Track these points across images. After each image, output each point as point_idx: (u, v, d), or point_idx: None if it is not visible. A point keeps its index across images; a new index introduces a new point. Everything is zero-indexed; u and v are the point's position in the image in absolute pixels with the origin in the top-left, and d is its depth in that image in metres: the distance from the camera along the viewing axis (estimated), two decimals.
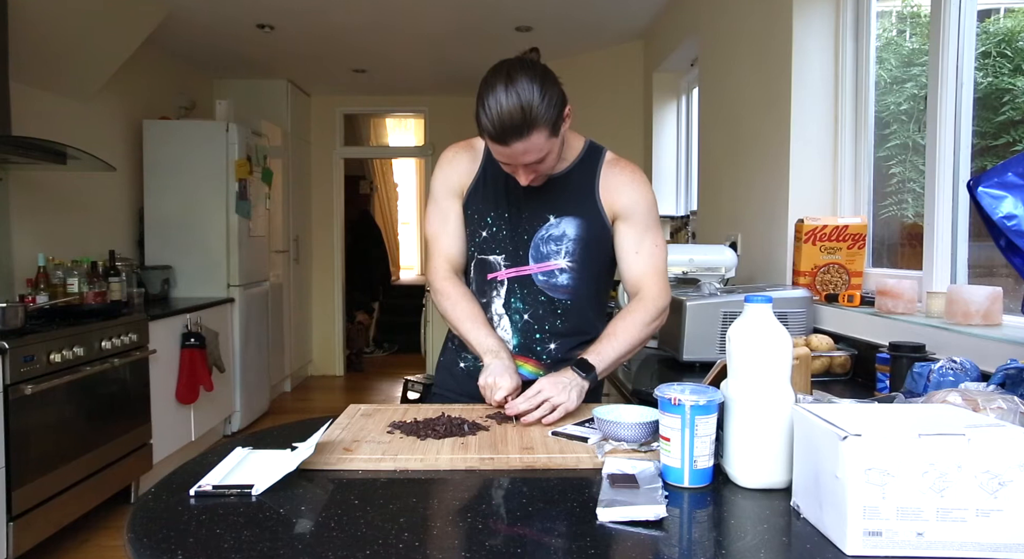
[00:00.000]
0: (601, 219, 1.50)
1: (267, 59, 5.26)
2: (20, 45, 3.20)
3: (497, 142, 1.32)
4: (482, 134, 1.34)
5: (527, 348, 1.53)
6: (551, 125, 1.32)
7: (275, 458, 1.08)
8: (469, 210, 1.54)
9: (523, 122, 1.28)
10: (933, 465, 0.76)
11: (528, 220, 1.50)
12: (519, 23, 4.38)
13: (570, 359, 1.47)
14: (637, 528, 0.85)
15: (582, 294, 1.53)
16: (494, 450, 1.14)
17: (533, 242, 1.50)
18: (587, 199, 1.50)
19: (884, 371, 1.55)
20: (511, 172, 1.42)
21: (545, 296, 1.51)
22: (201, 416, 4.10)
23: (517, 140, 1.30)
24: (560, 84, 1.35)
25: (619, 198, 1.50)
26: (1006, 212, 1.17)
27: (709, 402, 0.97)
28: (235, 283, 4.59)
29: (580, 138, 1.55)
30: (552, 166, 1.42)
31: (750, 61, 2.79)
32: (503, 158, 1.37)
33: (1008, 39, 1.88)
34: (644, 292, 1.51)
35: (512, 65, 1.32)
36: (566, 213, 1.49)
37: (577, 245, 1.49)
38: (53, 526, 2.76)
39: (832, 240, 2.16)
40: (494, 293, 1.54)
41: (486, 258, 1.54)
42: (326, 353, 6.74)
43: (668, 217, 4.42)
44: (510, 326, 1.53)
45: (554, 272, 1.50)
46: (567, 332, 1.52)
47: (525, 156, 1.33)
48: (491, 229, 1.52)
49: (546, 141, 1.33)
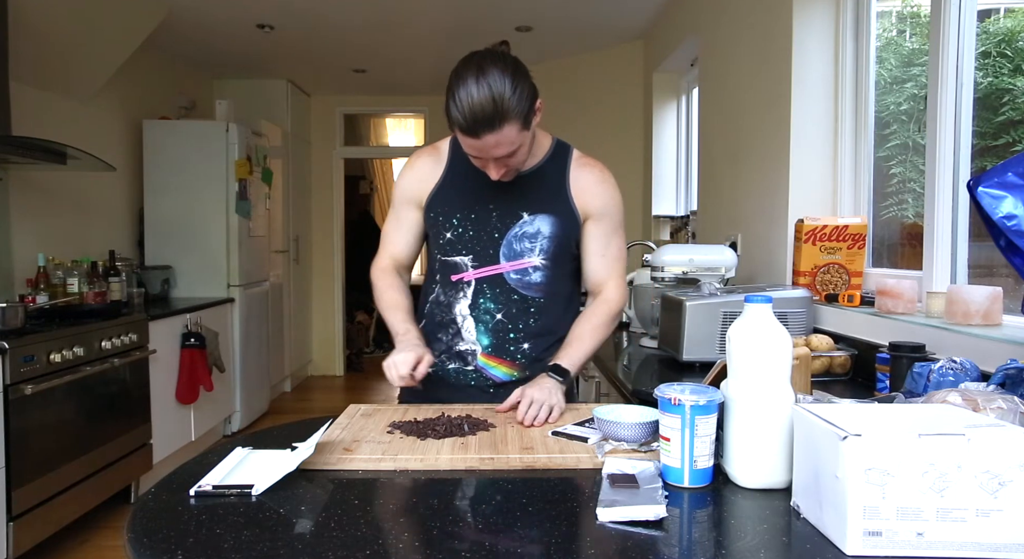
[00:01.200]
0: (574, 216, 1.51)
1: (267, 59, 5.25)
2: (20, 45, 3.20)
3: (468, 134, 1.30)
4: (452, 127, 1.32)
5: (500, 349, 1.52)
6: (522, 118, 1.31)
7: (275, 458, 1.08)
8: (432, 213, 1.53)
9: (494, 114, 1.27)
10: (933, 465, 0.76)
11: (499, 218, 1.49)
12: (519, 23, 4.38)
13: (544, 359, 1.48)
14: (637, 528, 0.85)
15: (555, 292, 1.53)
16: (494, 450, 1.14)
17: (506, 240, 1.49)
18: (559, 196, 1.50)
19: (884, 371, 1.55)
20: (481, 167, 1.40)
21: (518, 295, 1.51)
22: (201, 416, 4.10)
23: (488, 132, 1.29)
24: (531, 77, 1.34)
25: (592, 198, 1.51)
26: (1006, 212, 1.17)
27: (709, 402, 0.97)
28: (235, 283, 4.59)
29: (548, 136, 1.55)
30: (523, 161, 1.42)
31: (750, 61, 2.79)
32: (474, 151, 1.35)
33: (1008, 39, 1.87)
34: (606, 294, 1.55)
35: (483, 57, 1.31)
36: (540, 210, 1.49)
37: (552, 243, 1.49)
38: (53, 526, 2.76)
39: (832, 240, 2.16)
40: (460, 294, 1.53)
41: (451, 259, 1.53)
42: (326, 353, 6.74)
43: (668, 217, 4.42)
44: (476, 327, 1.52)
45: (527, 270, 1.50)
46: (541, 331, 1.52)
47: (496, 149, 1.32)
48: (456, 231, 1.51)
49: (517, 134, 1.32)
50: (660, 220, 4.47)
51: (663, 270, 2.25)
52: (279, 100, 5.89)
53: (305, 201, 6.42)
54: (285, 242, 5.82)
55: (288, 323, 5.91)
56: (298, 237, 6.16)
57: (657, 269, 2.27)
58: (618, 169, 5.85)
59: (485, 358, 1.52)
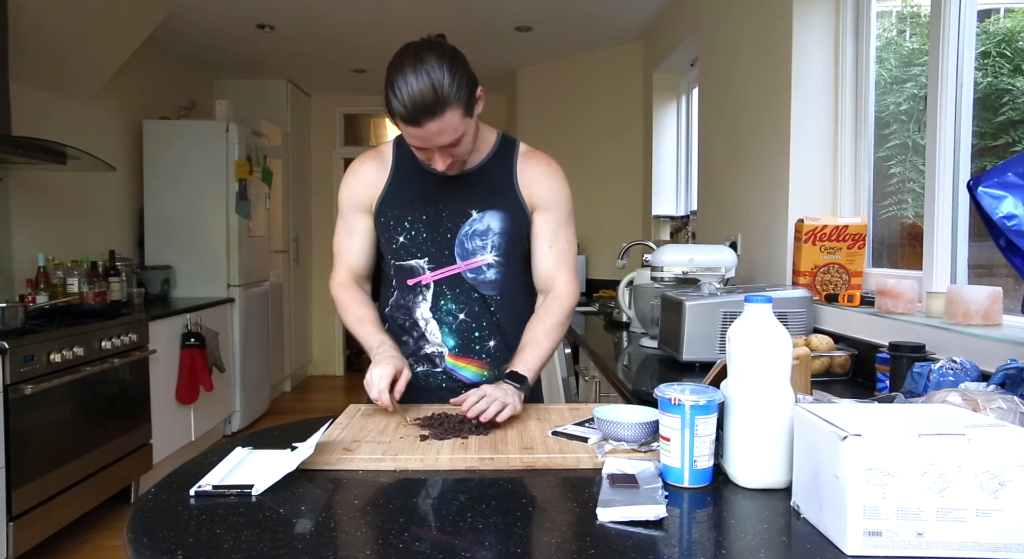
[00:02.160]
0: (523, 211, 1.50)
1: (267, 59, 5.26)
2: (20, 45, 3.20)
3: (410, 123, 1.28)
4: (394, 119, 1.30)
5: (466, 349, 1.51)
6: (464, 104, 1.30)
7: (275, 458, 1.08)
8: (382, 218, 1.51)
9: (435, 101, 1.26)
10: (933, 465, 0.76)
11: (450, 218, 1.48)
12: (519, 23, 4.39)
13: (509, 356, 1.47)
14: (637, 528, 0.85)
15: (511, 288, 1.53)
16: (494, 450, 1.14)
17: (458, 239, 1.48)
18: (507, 191, 1.49)
19: (884, 371, 1.54)
20: (427, 160, 1.39)
21: (477, 293, 1.50)
22: (201, 416, 4.10)
23: (430, 119, 1.27)
24: (469, 65, 1.33)
25: (538, 190, 1.50)
26: (1006, 212, 1.17)
27: (709, 402, 0.97)
28: (235, 283, 4.59)
29: (493, 130, 1.54)
30: (468, 151, 1.40)
31: (750, 61, 2.79)
32: (417, 142, 1.33)
33: (1008, 39, 1.87)
34: (557, 290, 1.53)
35: (419, 46, 1.29)
36: (488, 207, 1.48)
37: (503, 239, 1.49)
38: (53, 526, 2.76)
39: (832, 240, 2.16)
40: (419, 298, 1.52)
41: (406, 263, 1.51)
42: (326, 353, 6.74)
43: (668, 217, 4.42)
44: (440, 330, 1.51)
45: (482, 268, 1.50)
46: (503, 327, 1.52)
47: (439, 137, 1.30)
48: (409, 234, 1.49)
49: (460, 120, 1.30)
50: (660, 220, 4.47)
51: (663, 270, 2.25)
52: (279, 100, 5.89)
53: (305, 201, 6.42)
54: (285, 242, 5.82)
55: (288, 323, 5.91)
56: (298, 237, 6.17)
57: (657, 269, 2.27)
58: (618, 168, 5.85)
59: (453, 359, 1.52)
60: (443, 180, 1.46)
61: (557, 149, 4.71)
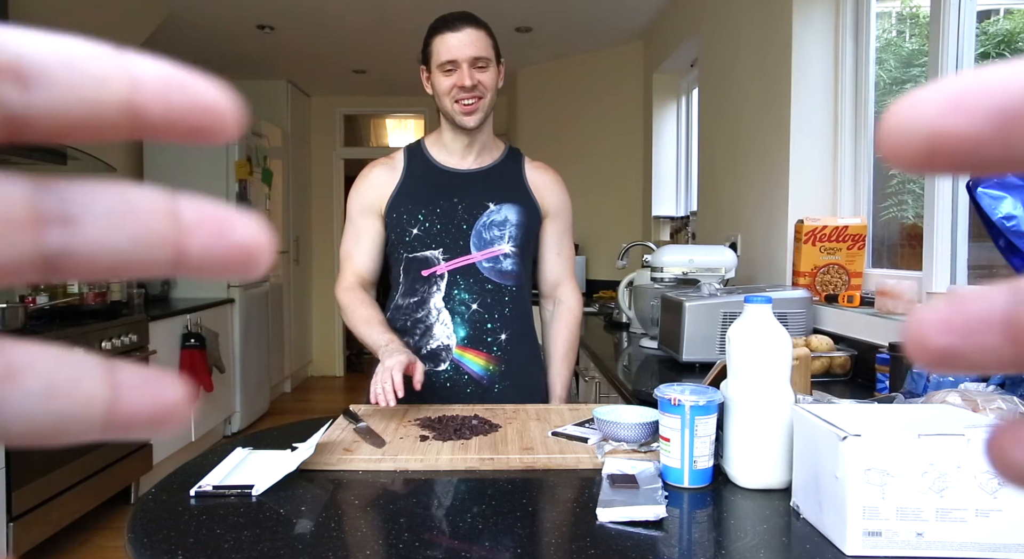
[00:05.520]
0: (537, 210, 1.57)
1: (267, 59, 5.26)
2: None
3: (447, 29, 1.43)
4: (431, 37, 1.46)
5: (477, 340, 1.52)
6: (495, 46, 1.47)
7: (275, 458, 1.08)
8: (394, 214, 1.53)
9: (474, 17, 1.45)
10: (933, 465, 0.77)
11: (466, 210, 1.52)
12: (519, 23, 4.39)
13: (520, 350, 1.52)
14: (637, 528, 0.85)
15: (524, 281, 1.57)
16: (494, 450, 1.14)
17: (475, 230, 1.51)
18: (520, 189, 1.57)
19: (884, 371, 1.55)
20: (456, 82, 1.46)
21: (492, 284, 1.52)
22: (201, 417, 4.10)
23: (468, 25, 1.43)
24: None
25: (549, 196, 1.59)
26: (1005, 212, 1.17)
27: (709, 402, 0.97)
28: (235, 283, 4.60)
29: (500, 141, 1.63)
30: (492, 97, 1.50)
31: (750, 61, 2.79)
32: (449, 54, 1.44)
33: (1007, 40, 1.88)
34: (566, 298, 1.64)
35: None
36: (505, 200, 1.53)
37: (519, 230, 1.53)
38: (53, 526, 2.76)
39: (832, 240, 2.16)
40: (433, 289, 1.53)
41: (420, 255, 1.53)
42: (326, 353, 6.74)
43: (668, 217, 4.42)
44: (452, 320, 1.52)
45: (499, 258, 1.52)
46: (516, 319, 1.54)
47: (474, 46, 1.43)
48: (423, 225, 1.51)
49: (491, 51, 1.45)
50: (660, 220, 4.47)
51: (663, 270, 2.25)
52: (279, 101, 5.89)
53: (305, 202, 6.41)
54: (285, 242, 5.82)
55: (288, 323, 5.91)
56: (298, 237, 6.16)
57: (657, 270, 2.27)
58: (618, 169, 5.85)
59: (461, 350, 1.52)
60: (457, 178, 1.53)
61: (557, 150, 4.75)
